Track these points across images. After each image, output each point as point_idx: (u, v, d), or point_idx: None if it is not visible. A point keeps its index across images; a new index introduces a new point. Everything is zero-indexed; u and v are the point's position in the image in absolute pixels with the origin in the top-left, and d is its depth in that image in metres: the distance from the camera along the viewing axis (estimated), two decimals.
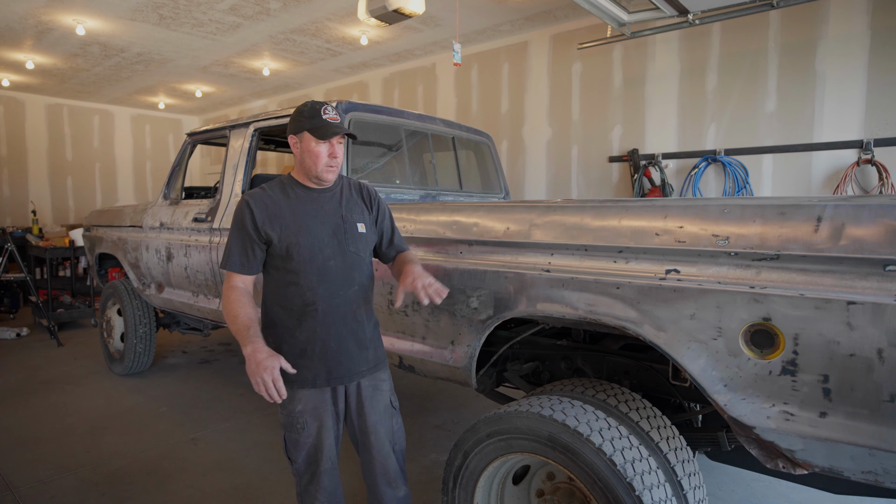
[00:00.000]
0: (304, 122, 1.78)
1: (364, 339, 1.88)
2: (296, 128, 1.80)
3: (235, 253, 1.78)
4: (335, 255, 1.81)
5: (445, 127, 3.51)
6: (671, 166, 4.84)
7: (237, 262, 1.78)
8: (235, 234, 1.79)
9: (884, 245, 1.18)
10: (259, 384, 1.57)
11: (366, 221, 1.91)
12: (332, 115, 1.78)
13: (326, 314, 1.80)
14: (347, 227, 1.85)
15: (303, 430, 1.83)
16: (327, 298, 1.80)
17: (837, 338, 1.22)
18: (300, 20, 5.36)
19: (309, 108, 1.79)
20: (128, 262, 4.24)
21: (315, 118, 1.76)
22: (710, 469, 2.78)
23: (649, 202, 1.63)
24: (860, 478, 1.25)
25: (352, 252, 1.84)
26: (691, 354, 1.44)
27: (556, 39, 5.55)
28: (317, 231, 1.80)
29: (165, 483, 2.73)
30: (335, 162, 1.81)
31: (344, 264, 1.82)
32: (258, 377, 1.57)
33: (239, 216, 1.79)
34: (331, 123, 1.77)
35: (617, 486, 1.47)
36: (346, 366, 1.84)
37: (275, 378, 1.57)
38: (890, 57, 3.82)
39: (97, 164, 9.31)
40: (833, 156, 4.05)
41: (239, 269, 1.78)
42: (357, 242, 1.86)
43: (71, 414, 3.65)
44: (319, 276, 1.79)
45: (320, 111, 1.77)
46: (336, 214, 1.85)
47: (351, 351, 1.84)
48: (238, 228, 1.79)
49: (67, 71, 7.19)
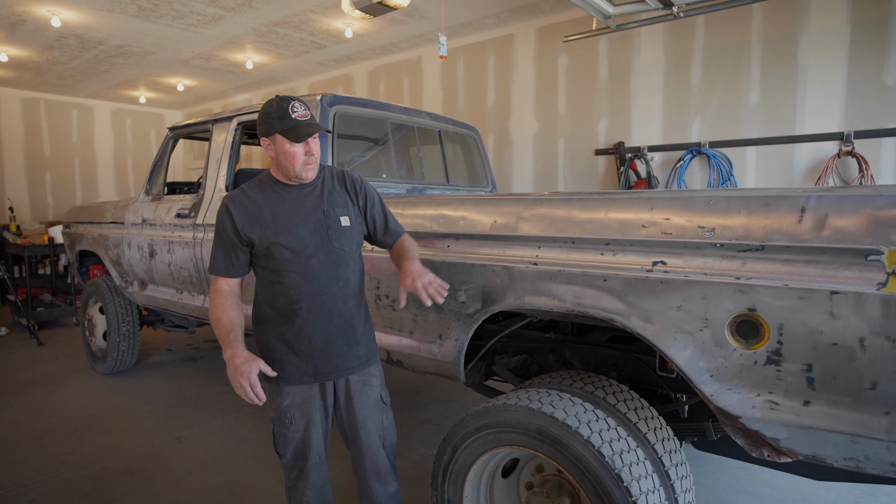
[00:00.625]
0: (274, 125, 1.69)
1: (354, 335, 1.86)
2: (266, 130, 1.72)
3: (219, 258, 1.79)
4: (317, 253, 1.78)
5: (432, 120, 3.49)
6: (657, 159, 4.87)
7: (221, 267, 1.79)
8: (217, 239, 1.80)
9: (865, 235, 1.20)
10: (238, 388, 1.61)
11: (350, 214, 1.86)
12: (301, 111, 1.71)
13: (311, 312, 1.78)
14: (330, 222, 1.81)
15: (290, 425, 1.83)
16: (312, 296, 1.78)
17: (821, 327, 1.24)
18: (283, 12, 5.28)
19: (276, 108, 1.70)
20: (110, 259, 4.16)
21: (285, 118, 1.68)
22: (697, 458, 2.82)
23: (636, 194, 1.64)
24: (842, 464, 1.27)
25: (336, 248, 1.81)
26: (678, 345, 1.45)
27: (542, 32, 5.54)
28: (297, 230, 1.77)
29: (151, 483, 2.70)
30: (312, 159, 1.76)
31: (328, 261, 1.80)
32: (236, 382, 1.61)
33: (220, 221, 1.78)
34: (302, 123, 1.69)
35: (605, 477, 1.48)
36: (333, 363, 1.83)
37: (252, 382, 1.60)
38: (869, 50, 3.87)
39: (77, 160, 9.12)
40: (815, 148, 4.10)
41: (224, 272, 1.79)
42: (341, 237, 1.82)
43: (52, 414, 3.58)
44: (302, 275, 1.77)
45: (288, 110, 1.69)
46: (317, 210, 1.81)
47: (339, 347, 1.83)
48: (219, 233, 1.79)
49: (43, 64, 7.01)
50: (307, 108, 1.74)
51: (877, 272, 1.18)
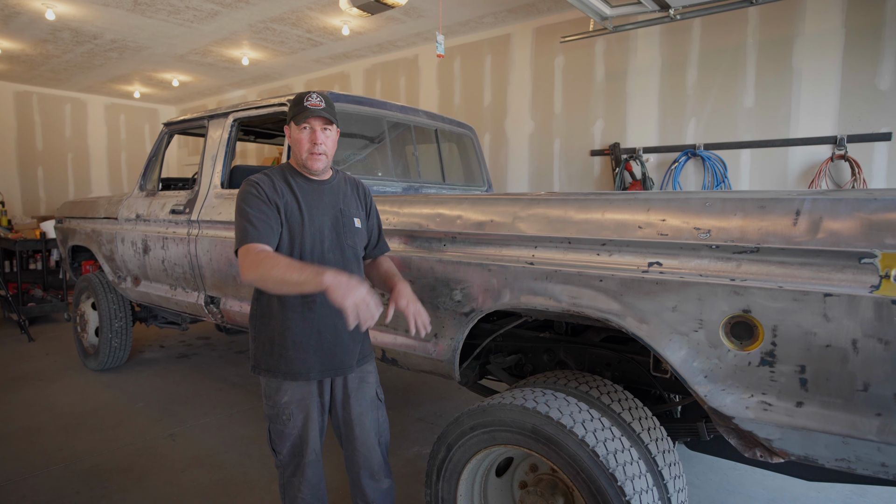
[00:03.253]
0: (289, 112, 1.80)
1: (357, 332, 1.87)
2: (287, 119, 1.82)
3: (256, 223, 1.64)
4: (333, 248, 1.81)
5: (428, 119, 3.49)
6: (652, 160, 4.89)
7: (257, 233, 1.63)
8: (248, 208, 1.68)
9: (859, 238, 1.21)
10: (359, 302, 1.40)
11: (361, 217, 1.92)
12: (314, 101, 1.76)
13: (324, 306, 1.76)
14: (345, 220, 1.86)
15: (288, 421, 1.83)
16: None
17: (814, 329, 1.25)
18: (280, 9, 5.26)
19: (295, 98, 1.80)
20: (103, 255, 4.13)
21: (297, 105, 1.77)
22: (689, 458, 2.83)
23: (632, 195, 1.64)
24: (834, 465, 1.28)
25: (348, 246, 1.85)
26: (673, 346, 1.46)
27: (539, 32, 5.55)
28: (318, 221, 1.80)
29: (142, 480, 2.68)
30: (318, 149, 1.77)
31: (343, 257, 1.83)
32: (355, 295, 1.40)
33: (249, 194, 1.71)
34: (309, 108, 1.75)
35: (599, 476, 1.48)
36: (340, 358, 1.84)
37: (371, 299, 1.42)
38: (863, 55, 3.90)
39: (69, 154, 9.05)
40: (808, 151, 4.13)
41: (261, 238, 1.64)
42: (354, 237, 1.87)
43: (43, 411, 3.55)
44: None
45: (303, 99, 1.77)
46: (335, 207, 1.85)
47: (346, 343, 1.84)
48: (251, 205, 1.68)
49: (37, 57, 6.95)
50: (323, 100, 1.78)
51: (870, 275, 1.19)
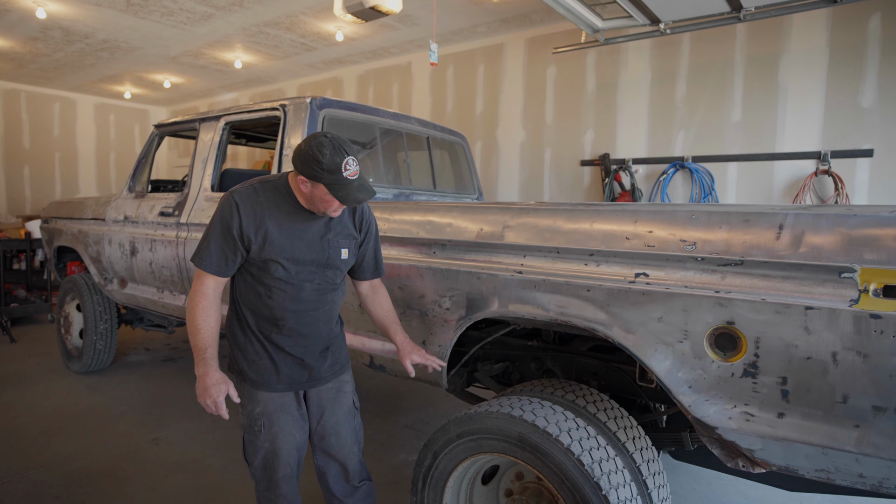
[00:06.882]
0: (322, 175, 1.57)
1: (330, 346, 1.88)
2: (310, 174, 1.59)
3: (214, 254, 1.67)
4: (311, 279, 1.76)
5: (420, 126, 3.50)
6: (641, 171, 4.95)
7: (214, 264, 1.68)
8: (217, 233, 1.67)
9: (840, 253, 1.24)
10: (204, 406, 1.66)
11: (350, 247, 1.83)
12: (353, 169, 1.59)
13: (294, 330, 1.78)
14: (331, 251, 1.78)
15: (259, 433, 1.80)
16: (297, 316, 1.77)
17: (796, 341, 1.27)
18: (274, 13, 5.27)
19: (329, 160, 1.56)
20: (89, 256, 4.08)
21: (335, 174, 1.57)
22: (673, 468, 2.85)
23: (620, 206, 1.66)
24: (814, 475, 1.30)
25: (329, 277, 1.81)
26: (658, 356, 1.47)
27: (532, 43, 5.61)
28: (299, 253, 1.72)
29: (125, 485, 2.64)
30: (339, 209, 1.71)
31: (319, 288, 1.79)
32: (203, 400, 1.65)
33: (225, 216, 1.66)
34: (353, 185, 1.60)
35: (584, 485, 1.49)
36: (308, 373, 1.84)
37: (218, 404, 1.64)
38: (846, 73, 3.99)
39: (57, 154, 8.94)
40: (793, 166, 4.21)
41: (215, 270, 1.68)
42: (335, 269, 1.81)
43: (24, 414, 3.50)
44: (293, 297, 1.74)
45: (341, 167, 1.56)
46: (322, 238, 1.76)
47: (315, 362, 1.84)
48: (222, 228, 1.67)
49: (26, 55, 6.88)
50: (358, 165, 1.62)
51: (849, 289, 1.21)
